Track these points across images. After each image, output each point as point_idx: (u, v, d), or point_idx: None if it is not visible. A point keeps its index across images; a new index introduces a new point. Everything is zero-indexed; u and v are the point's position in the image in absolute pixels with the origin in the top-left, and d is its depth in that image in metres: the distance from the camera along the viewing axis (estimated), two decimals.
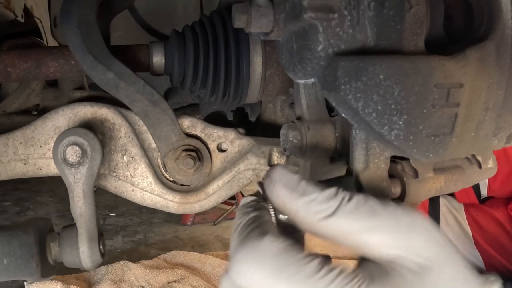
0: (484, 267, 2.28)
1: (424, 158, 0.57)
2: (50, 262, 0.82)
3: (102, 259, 0.83)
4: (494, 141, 0.62)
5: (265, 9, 0.64)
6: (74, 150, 0.74)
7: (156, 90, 0.79)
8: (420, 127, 0.55)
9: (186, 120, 0.84)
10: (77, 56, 0.76)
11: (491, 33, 0.58)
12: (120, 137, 0.83)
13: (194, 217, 3.28)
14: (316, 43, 0.56)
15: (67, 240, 0.81)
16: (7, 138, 0.81)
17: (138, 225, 3.25)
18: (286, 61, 0.65)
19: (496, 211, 2.24)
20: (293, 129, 0.71)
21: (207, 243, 3.03)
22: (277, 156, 0.85)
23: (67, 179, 0.76)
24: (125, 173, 0.83)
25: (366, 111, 0.54)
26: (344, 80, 0.53)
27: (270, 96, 0.89)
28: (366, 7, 0.55)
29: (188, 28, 0.87)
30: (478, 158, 0.71)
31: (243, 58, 0.83)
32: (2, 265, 0.78)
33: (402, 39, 0.56)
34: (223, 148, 0.86)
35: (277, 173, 0.51)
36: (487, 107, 0.59)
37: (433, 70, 0.54)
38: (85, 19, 0.76)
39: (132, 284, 2.36)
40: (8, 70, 0.82)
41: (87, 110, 0.82)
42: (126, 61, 0.78)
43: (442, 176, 0.66)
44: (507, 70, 0.59)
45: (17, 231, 0.80)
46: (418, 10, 0.56)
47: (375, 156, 0.60)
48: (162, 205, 0.85)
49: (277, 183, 0.50)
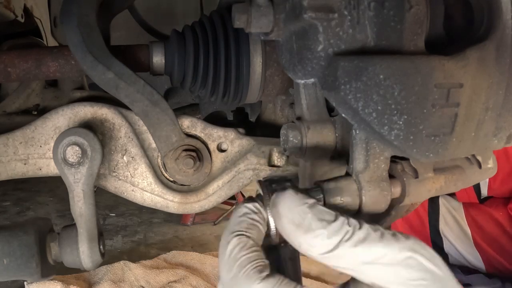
0: (483, 267, 2.28)
1: (424, 158, 0.57)
2: (50, 262, 0.82)
3: (102, 259, 0.83)
4: (494, 141, 0.62)
5: (265, 9, 0.65)
6: (74, 150, 0.74)
7: (156, 90, 0.79)
8: (420, 127, 0.55)
9: (186, 120, 0.84)
10: (77, 56, 0.76)
11: (491, 33, 0.58)
12: (120, 137, 0.83)
13: (194, 217, 3.28)
14: (316, 43, 0.56)
15: (67, 240, 0.81)
16: (7, 138, 0.81)
17: (138, 225, 3.25)
18: (286, 61, 0.65)
19: (496, 211, 2.25)
20: (293, 129, 0.71)
21: (207, 243, 3.03)
22: (277, 156, 0.85)
23: (67, 179, 0.76)
24: (125, 173, 0.83)
25: (366, 111, 0.54)
26: (344, 80, 0.54)
27: (270, 96, 0.89)
28: (366, 7, 0.55)
29: (188, 28, 0.87)
30: (478, 158, 0.71)
31: (243, 58, 0.83)
32: (2, 265, 0.78)
33: (402, 39, 0.56)
34: (223, 148, 0.86)
35: (283, 207, 0.53)
36: (487, 107, 0.59)
37: (433, 70, 0.54)
38: (85, 19, 0.76)
39: (132, 284, 2.36)
40: (8, 70, 0.82)
41: (87, 110, 0.82)
42: (126, 61, 0.78)
43: (442, 176, 0.66)
44: (507, 70, 0.59)
45: (17, 231, 0.80)
46: (418, 10, 0.56)
47: (375, 156, 0.60)
48: (162, 205, 0.85)
49: (282, 217, 0.52)
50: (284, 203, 0.53)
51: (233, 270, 0.50)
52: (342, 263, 0.50)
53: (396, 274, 0.49)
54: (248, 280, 0.49)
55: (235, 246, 0.52)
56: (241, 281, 0.50)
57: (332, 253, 0.49)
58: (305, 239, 0.50)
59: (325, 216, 0.51)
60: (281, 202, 0.53)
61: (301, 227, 0.51)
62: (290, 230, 0.52)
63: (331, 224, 0.50)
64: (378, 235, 0.50)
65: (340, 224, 0.50)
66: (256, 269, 0.50)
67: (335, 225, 0.50)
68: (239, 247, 0.52)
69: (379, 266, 0.49)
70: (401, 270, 0.49)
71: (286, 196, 0.53)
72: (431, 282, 0.48)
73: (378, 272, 0.49)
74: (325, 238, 0.50)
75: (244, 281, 0.49)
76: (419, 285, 0.48)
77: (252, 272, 0.50)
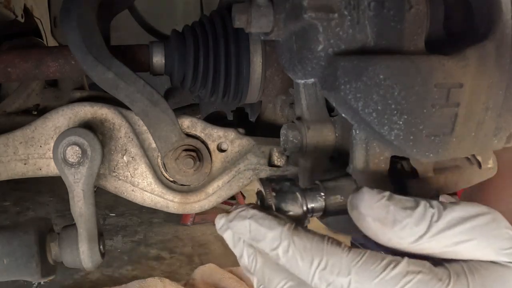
0: None
1: (424, 158, 0.57)
2: (50, 262, 0.82)
3: (102, 259, 0.83)
4: (494, 141, 0.62)
5: (265, 9, 0.64)
6: (74, 150, 0.74)
7: (156, 90, 0.79)
8: (420, 127, 0.55)
9: (186, 120, 0.84)
10: (77, 56, 0.76)
11: (491, 33, 0.58)
12: (120, 137, 0.83)
13: (194, 217, 3.28)
14: (316, 43, 0.56)
15: (67, 240, 0.81)
16: (7, 138, 0.81)
17: (138, 225, 3.25)
18: (286, 61, 0.65)
19: None
20: (293, 129, 0.71)
21: (207, 243, 3.03)
22: (277, 156, 0.85)
23: (67, 179, 0.76)
24: (125, 173, 0.83)
25: (366, 111, 0.54)
26: (344, 80, 0.54)
27: (270, 96, 0.89)
28: (366, 7, 0.55)
29: (188, 28, 0.87)
30: (478, 158, 0.71)
31: (243, 58, 0.83)
32: (2, 265, 0.78)
33: (402, 39, 0.56)
34: (223, 148, 0.86)
35: (364, 206, 0.51)
36: (487, 107, 0.59)
37: (433, 70, 0.54)
38: (85, 19, 0.76)
39: None
40: (8, 70, 0.82)
41: (87, 110, 0.82)
42: (126, 61, 0.78)
43: (442, 176, 0.66)
44: (507, 70, 0.59)
45: (17, 231, 0.80)
46: (418, 10, 0.56)
47: (375, 156, 0.60)
48: (162, 205, 0.85)
49: (367, 217, 0.50)
50: (365, 202, 0.50)
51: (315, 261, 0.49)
52: (436, 248, 0.49)
53: (490, 247, 0.48)
54: (335, 256, 0.48)
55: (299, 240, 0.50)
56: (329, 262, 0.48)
57: (423, 239, 0.48)
58: (394, 233, 0.49)
59: (407, 204, 0.50)
60: (361, 201, 0.51)
61: (387, 222, 0.49)
62: (377, 228, 0.50)
63: (414, 210, 0.49)
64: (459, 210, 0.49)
65: (423, 209, 0.49)
66: (334, 242, 0.49)
67: (419, 210, 0.49)
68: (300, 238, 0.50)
69: (473, 242, 0.48)
70: (494, 241, 0.48)
71: (364, 194, 0.51)
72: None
73: (472, 249, 0.48)
74: (413, 226, 0.48)
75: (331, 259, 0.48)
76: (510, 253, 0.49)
77: (333, 246, 0.49)
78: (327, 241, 0.49)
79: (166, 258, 2.80)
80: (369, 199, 0.50)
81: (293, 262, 0.50)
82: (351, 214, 0.52)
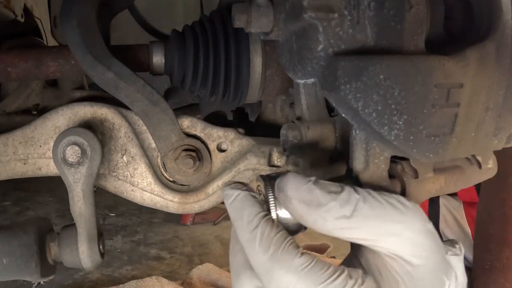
0: None
1: (424, 158, 0.57)
2: (49, 262, 0.82)
3: (102, 259, 0.83)
4: (494, 141, 0.62)
5: (265, 9, 0.64)
6: (73, 150, 0.74)
7: (156, 90, 0.79)
8: (420, 127, 0.55)
9: (186, 120, 0.84)
10: (77, 56, 0.76)
11: (491, 33, 0.58)
12: (120, 137, 0.83)
13: (194, 217, 3.28)
14: (316, 43, 0.56)
15: (67, 240, 0.81)
16: (7, 138, 0.81)
17: (138, 225, 3.24)
18: (286, 61, 0.65)
19: None
20: (293, 129, 0.71)
21: (207, 243, 3.02)
22: (277, 156, 0.85)
23: (66, 179, 0.76)
24: (125, 173, 0.83)
25: (366, 111, 0.54)
26: (344, 80, 0.53)
27: (270, 96, 0.89)
28: (366, 7, 0.55)
29: (188, 28, 0.87)
30: (478, 158, 0.71)
31: (243, 58, 0.83)
32: (2, 265, 0.78)
33: (402, 39, 0.56)
34: (223, 148, 0.86)
35: (290, 189, 0.52)
36: (487, 107, 0.59)
37: (433, 70, 0.54)
38: (85, 19, 0.76)
39: None
40: (8, 70, 0.82)
41: (87, 110, 0.82)
42: (126, 61, 0.78)
43: (442, 176, 0.66)
44: (507, 70, 0.59)
45: (17, 231, 0.80)
46: (418, 10, 0.56)
47: (375, 156, 0.60)
48: (162, 205, 0.85)
49: (293, 199, 0.52)
50: (291, 185, 0.52)
51: (270, 249, 0.50)
52: (358, 234, 0.50)
53: (414, 243, 0.50)
54: (289, 254, 0.49)
55: (266, 226, 0.51)
56: (282, 257, 0.49)
57: (347, 224, 0.49)
58: (319, 215, 0.50)
59: (332, 188, 0.51)
60: (287, 184, 0.52)
61: (312, 204, 0.50)
62: (303, 209, 0.51)
63: (339, 194, 0.50)
64: (388, 203, 0.50)
65: (348, 194, 0.50)
66: (293, 244, 0.50)
67: (344, 195, 0.50)
68: (269, 226, 0.51)
69: (396, 235, 0.49)
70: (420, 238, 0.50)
71: (290, 178, 0.53)
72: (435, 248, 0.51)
73: (396, 242, 0.50)
74: (338, 209, 0.50)
75: (285, 256, 0.49)
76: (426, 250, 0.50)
77: (291, 247, 0.50)
78: (288, 241, 0.51)
79: (166, 258, 2.80)
80: (296, 182, 0.52)
81: (251, 244, 0.52)
82: (278, 196, 0.54)
